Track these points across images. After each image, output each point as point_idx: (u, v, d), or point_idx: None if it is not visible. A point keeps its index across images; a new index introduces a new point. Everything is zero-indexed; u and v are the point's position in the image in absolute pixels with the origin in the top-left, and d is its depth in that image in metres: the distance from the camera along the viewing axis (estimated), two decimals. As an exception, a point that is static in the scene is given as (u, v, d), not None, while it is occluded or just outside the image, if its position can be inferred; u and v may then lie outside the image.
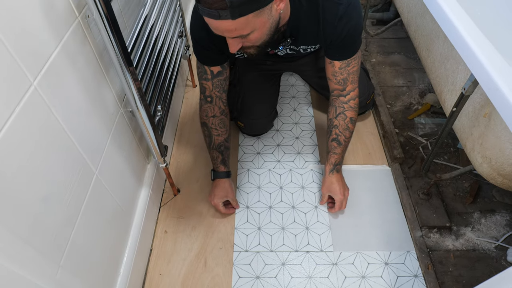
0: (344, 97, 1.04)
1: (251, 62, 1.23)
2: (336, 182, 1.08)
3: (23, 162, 0.51)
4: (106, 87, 0.78)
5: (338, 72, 1.01)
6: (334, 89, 1.05)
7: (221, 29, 0.75)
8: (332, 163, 1.09)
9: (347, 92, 1.04)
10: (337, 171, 1.09)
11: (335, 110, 1.06)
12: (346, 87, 1.03)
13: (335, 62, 0.99)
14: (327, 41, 0.95)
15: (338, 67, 1.00)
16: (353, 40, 0.95)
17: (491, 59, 0.71)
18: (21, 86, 0.51)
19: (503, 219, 1.10)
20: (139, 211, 0.98)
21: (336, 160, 1.08)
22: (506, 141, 0.75)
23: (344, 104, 1.05)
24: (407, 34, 1.76)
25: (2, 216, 0.47)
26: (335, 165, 1.09)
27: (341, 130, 1.06)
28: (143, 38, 0.90)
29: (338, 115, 1.06)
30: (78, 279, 0.67)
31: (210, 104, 1.06)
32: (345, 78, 1.01)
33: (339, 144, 1.07)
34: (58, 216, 0.60)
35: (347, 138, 1.07)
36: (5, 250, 0.47)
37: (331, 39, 0.93)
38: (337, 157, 1.08)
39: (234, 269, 1.01)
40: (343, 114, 1.05)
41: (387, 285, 0.97)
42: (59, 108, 0.59)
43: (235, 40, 0.79)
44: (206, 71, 1.01)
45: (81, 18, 0.66)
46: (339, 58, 0.98)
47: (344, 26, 0.90)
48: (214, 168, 1.10)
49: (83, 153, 0.68)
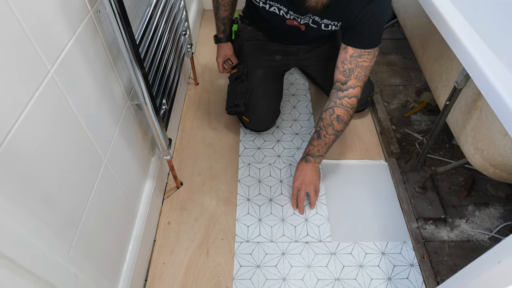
0: (341, 91, 1.04)
1: (261, 54, 1.26)
2: (299, 170, 1.13)
3: (41, 143, 0.54)
4: (114, 80, 0.82)
5: (347, 60, 1.00)
6: (337, 80, 1.05)
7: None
8: (305, 152, 1.13)
9: (346, 86, 1.03)
10: (306, 161, 1.11)
11: (328, 103, 1.07)
12: (348, 81, 1.02)
13: (349, 48, 0.99)
14: (350, 20, 0.96)
15: (349, 54, 1.00)
16: (373, 28, 0.96)
17: (482, 54, 0.75)
18: (40, 72, 0.54)
19: (496, 212, 1.14)
20: (143, 202, 1.01)
21: (310, 151, 1.11)
22: (497, 132, 0.79)
23: (337, 100, 1.04)
24: (403, 35, 1.80)
25: (21, 192, 0.50)
26: (307, 155, 1.12)
27: (324, 124, 1.06)
28: (149, 35, 0.93)
29: (327, 109, 1.07)
30: (88, 261, 0.70)
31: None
32: (351, 68, 1.00)
33: (318, 137, 1.08)
34: (70, 198, 0.63)
35: (329, 134, 1.06)
36: (24, 223, 0.50)
37: (354, 19, 0.95)
38: (311, 148, 1.10)
39: (235, 258, 1.04)
40: (331, 110, 1.05)
41: (384, 273, 1.00)
42: (72, 96, 0.63)
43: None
44: None
45: (93, 12, 0.70)
46: (355, 44, 0.98)
47: (370, 10, 0.92)
48: (217, 35, 1.30)
49: (93, 140, 0.71)
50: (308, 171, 1.12)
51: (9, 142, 0.47)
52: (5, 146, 0.46)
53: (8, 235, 0.47)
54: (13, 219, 0.48)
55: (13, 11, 0.48)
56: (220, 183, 1.22)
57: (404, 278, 1.00)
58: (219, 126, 1.41)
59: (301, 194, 1.13)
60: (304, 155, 1.13)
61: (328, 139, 1.08)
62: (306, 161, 1.12)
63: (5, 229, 0.47)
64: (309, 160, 1.12)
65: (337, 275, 1.00)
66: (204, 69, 1.66)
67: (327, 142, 1.08)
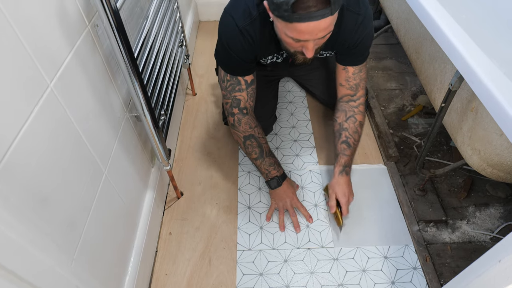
0: (354, 101, 1.09)
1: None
2: (343, 183, 1.07)
3: (42, 156, 0.55)
4: (113, 92, 0.83)
5: (351, 77, 1.06)
6: (345, 94, 1.10)
7: (319, 28, 0.77)
8: (342, 164, 1.08)
9: (357, 97, 1.09)
10: (346, 173, 1.09)
11: (345, 114, 1.10)
12: (357, 93, 1.08)
13: (349, 67, 1.05)
14: (344, 47, 1.01)
15: (351, 72, 1.06)
16: (366, 46, 1.01)
17: (474, 56, 0.76)
18: (40, 86, 0.55)
19: (497, 212, 1.14)
20: (144, 213, 1.01)
21: (346, 162, 1.09)
22: (493, 132, 0.80)
23: (354, 108, 1.09)
24: (397, 40, 1.83)
25: (23, 205, 0.51)
26: (345, 167, 1.08)
27: (350, 132, 1.09)
28: (146, 47, 0.95)
29: (348, 118, 1.09)
30: (90, 273, 0.70)
31: (248, 115, 1.07)
32: (357, 83, 1.07)
33: (348, 146, 1.09)
34: (72, 210, 0.64)
35: (356, 141, 1.10)
36: (26, 235, 0.51)
37: (348, 45, 1.00)
38: (347, 158, 1.09)
39: (238, 267, 1.03)
40: (353, 118, 1.09)
41: (387, 277, 1.00)
42: (72, 109, 0.64)
43: (315, 43, 0.83)
44: (239, 81, 1.03)
45: (90, 26, 0.71)
46: (353, 63, 1.04)
47: (361, 34, 0.97)
48: (276, 174, 1.09)
49: (93, 152, 0.71)
50: (350, 183, 1.10)
51: (10, 156, 0.48)
52: (6, 160, 0.47)
53: (10, 247, 0.47)
54: (15, 231, 0.48)
55: (13, 27, 0.49)
56: (221, 192, 1.23)
57: (408, 282, 0.99)
58: (217, 135, 1.41)
59: (345, 211, 1.07)
60: (341, 168, 1.08)
61: (356, 145, 1.11)
62: (346, 173, 1.09)
63: (6, 241, 0.47)
64: (348, 171, 1.09)
65: (340, 281, 1.00)
66: (201, 80, 1.68)
67: (356, 148, 1.12)
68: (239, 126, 1.07)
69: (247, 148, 1.09)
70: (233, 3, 0.97)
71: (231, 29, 0.94)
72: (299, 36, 0.80)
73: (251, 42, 0.95)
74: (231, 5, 0.96)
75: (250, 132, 1.07)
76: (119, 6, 0.71)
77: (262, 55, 1.04)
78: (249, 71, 1.04)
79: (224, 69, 1.04)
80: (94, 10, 0.72)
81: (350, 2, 0.94)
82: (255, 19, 0.92)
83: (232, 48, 0.97)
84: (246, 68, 1.03)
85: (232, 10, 0.94)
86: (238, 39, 0.94)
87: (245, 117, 1.07)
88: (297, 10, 0.73)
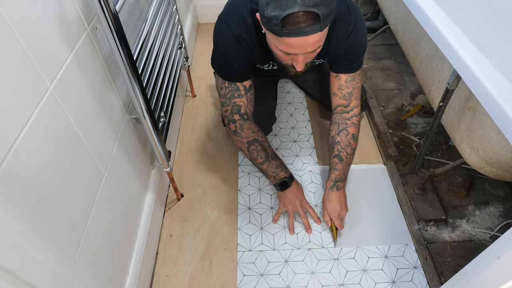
0: (347, 113, 1.08)
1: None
2: (334, 200, 1.06)
3: (42, 158, 0.55)
4: (112, 95, 0.83)
5: (344, 85, 1.05)
6: (338, 105, 1.08)
7: (308, 43, 0.77)
8: (332, 179, 1.07)
9: (350, 108, 1.08)
10: (337, 188, 1.07)
11: (337, 127, 1.09)
12: (350, 103, 1.07)
13: (341, 75, 1.04)
14: (335, 56, 1.01)
15: (344, 80, 1.05)
16: (358, 54, 1.01)
17: (471, 55, 0.76)
18: (40, 89, 0.55)
19: (496, 210, 1.14)
20: (145, 215, 1.02)
21: (337, 177, 1.07)
22: (491, 131, 0.80)
23: (347, 121, 1.08)
24: (395, 40, 1.83)
25: (24, 207, 0.51)
26: (335, 182, 1.07)
27: (343, 146, 1.07)
28: (145, 50, 0.95)
29: (340, 132, 1.08)
30: (91, 275, 0.70)
31: (249, 121, 1.07)
32: (350, 92, 1.06)
33: (340, 160, 1.07)
34: (72, 212, 0.64)
35: (349, 154, 1.08)
36: (27, 237, 0.51)
37: (338, 54, 1.00)
38: (338, 173, 1.07)
39: (238, 268, 1.03)
40: (346, 131, 1.07)
41: (388, 277, 1.00)
42: (71, 111, 0.64)
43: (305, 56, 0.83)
44: (238, 88, 1.03)
45: (90, 29, 0.71)
46: (345, 71, 1.04)
47: (351, 42, 0.97)
48: (285, 175, 1.08)
49: (93, 154, 0.72)
50: (342, 198, 1.08)
51: (11, 158, 0.48)
52: (7, 162, 0.47)
53: (11, 249, 0.48)
54: (15, 233, 0.49)
55: (13, 30, 0.50)
56: (221, 193, 1.23)
57: (408, 281, 0.99)
58: (217, 137, 1.42)
59: (339, 226, 1.07)
60: (332, 183, 1.07)
61: (349, 159, 1.08)
62: (337, 188, 1.07)
63: (7, 243, 0.47)
64: (339, 186, 1.07)
65: (341, 281, 1.00)
66: (201, 81, 1.68)
67: (349, 162, 1.09)
68: (242, 132, 1.06)
69: (252, 153, 1.07)
70: (227, 10, 0.97)
71: (227, 36, 0.94)
72: (289, 50, 0.80)
73: (248, 48, 0.95)
74: (225, 12, 0.97)
75: (254, 136, 1.07)
76: (118, 9, 0.72)
77: (258, 62, 1.04)
78: (247, 77, 1.04)
79: (222, 76, 1.04)
80: (93, 13, 0.73)
81: (341, 11, 0.94)
82: (249, 27, 0.92)
83: (229, 55, 0.97)
84: (244, 74, 1.03)
85: (227, 18, 0.94)
86: (235, 46, 0.95)
87: (247, 122, 1.07)
88: (287, 25, 0.74)
